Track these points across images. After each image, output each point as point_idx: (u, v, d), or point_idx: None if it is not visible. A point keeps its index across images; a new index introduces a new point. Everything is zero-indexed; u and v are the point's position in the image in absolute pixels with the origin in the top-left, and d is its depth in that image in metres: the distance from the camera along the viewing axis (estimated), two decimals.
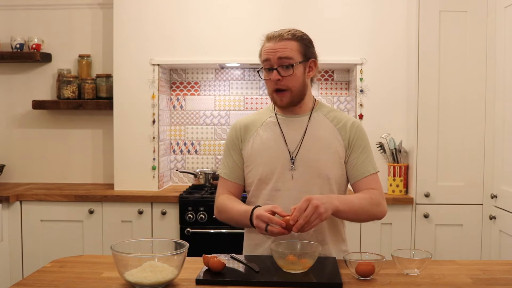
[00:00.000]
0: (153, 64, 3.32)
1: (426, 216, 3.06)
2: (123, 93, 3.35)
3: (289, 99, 1.85)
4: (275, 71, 1.81)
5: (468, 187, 3.06)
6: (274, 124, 1.91)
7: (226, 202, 1.90)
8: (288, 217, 1.65)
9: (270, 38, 1.86)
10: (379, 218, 1.87)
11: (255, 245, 1.91)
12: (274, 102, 1.89)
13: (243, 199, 1.97)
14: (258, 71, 1.91)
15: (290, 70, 1.82)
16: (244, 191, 2.03)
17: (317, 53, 1.91)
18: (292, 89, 1.84)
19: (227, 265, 1.65)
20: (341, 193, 1.90)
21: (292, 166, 1.85)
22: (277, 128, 1.90)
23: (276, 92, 1.84)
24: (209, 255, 1.65)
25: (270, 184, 1.86)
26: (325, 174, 1.84)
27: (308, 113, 1.91)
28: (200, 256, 1.72)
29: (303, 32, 1.89)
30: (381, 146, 3.21)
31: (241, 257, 1.75)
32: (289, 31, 1.85)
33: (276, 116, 1.93)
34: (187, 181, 3.69)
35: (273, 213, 1.69)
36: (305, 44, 1.86)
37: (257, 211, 1.71)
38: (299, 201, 1.70)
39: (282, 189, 1.85)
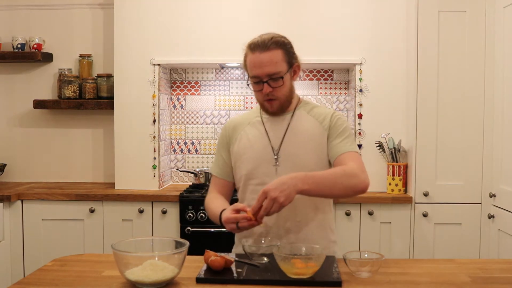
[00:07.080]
0: (154, 64, 3.33)
1: (425, 215, 3.07)
2: (124, 92, 3.36)
3: (278, 106, 1.91)
4: (265, 84, 1.85)
5: (467, 186, 3.07)
6: (259, 123, 1.97)
7: (208, 202, 1.98)
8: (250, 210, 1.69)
9: (253, 48, 1.85)
10: (359, 189, 1.75)
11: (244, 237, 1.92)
12: (265, 110, 1.94)
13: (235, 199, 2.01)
14: (248, 84, 1.93)
15: (280, 81, 1.85)
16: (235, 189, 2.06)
17: (297, 54, 1.92)
18: (282, 97, 1.89)
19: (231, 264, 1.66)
20: None
21: (276, 162, 1.89)
22: (261, 126, 1.96)
23: (267, 101, 1.89)
24: (212, 253, 1.65)
25: (256, 179, 1.90)
26: (308, 167, 1.85)
27: (292, 111, 1.96)
28: (200, 255, 1.73)
29: (283, 36, 1.89)
30: (380, 145, 3.22)
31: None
32: (271, 38, 1.85)
33: (261, 116, 1.99)
34: (188, 180, 3.70)
35: (238, 211, 1.73)
36: (288, 50, 1.88)
37: (224, 216, 1.75)
38: None
39: (267, 184, 1.85)
